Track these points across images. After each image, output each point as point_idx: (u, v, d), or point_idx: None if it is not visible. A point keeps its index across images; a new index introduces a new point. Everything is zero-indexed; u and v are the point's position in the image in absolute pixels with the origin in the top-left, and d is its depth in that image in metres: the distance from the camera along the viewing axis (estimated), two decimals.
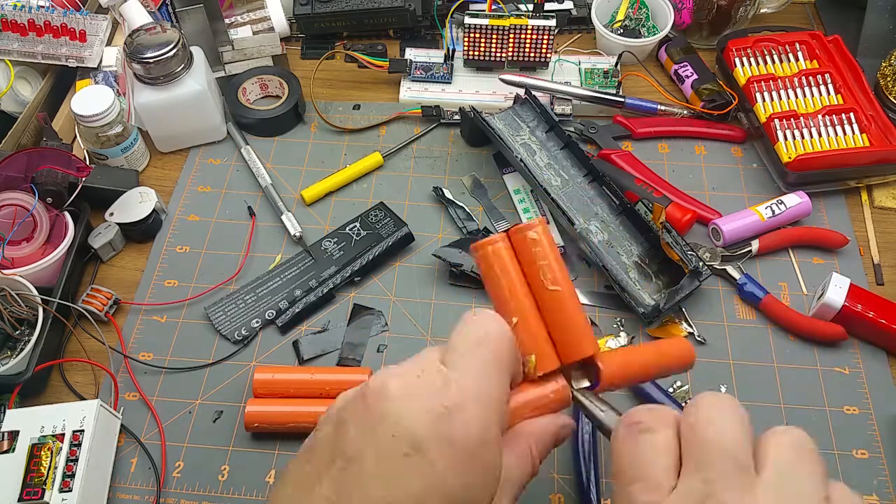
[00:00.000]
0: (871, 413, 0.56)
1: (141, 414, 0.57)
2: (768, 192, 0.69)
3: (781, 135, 0.69)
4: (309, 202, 0.69)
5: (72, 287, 0.63)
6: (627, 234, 0.63)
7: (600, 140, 0.73)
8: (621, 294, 0.60)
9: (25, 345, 0.57)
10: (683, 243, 0.60)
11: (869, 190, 0.69)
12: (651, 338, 0.60)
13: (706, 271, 0.60)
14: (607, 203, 0.65)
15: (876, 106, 0.70)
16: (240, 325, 0.61)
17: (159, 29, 0.67)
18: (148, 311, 0.63)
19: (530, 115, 0.69)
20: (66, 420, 0.51)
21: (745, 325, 0.61)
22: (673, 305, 0.59)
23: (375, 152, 0.72)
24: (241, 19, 0.79)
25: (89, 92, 0.66)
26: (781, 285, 0.63)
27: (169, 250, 0.67)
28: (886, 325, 0.57)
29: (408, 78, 0.78)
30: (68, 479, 0.49)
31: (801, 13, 0.88)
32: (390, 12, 0.80)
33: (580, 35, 0.85)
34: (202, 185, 0.72)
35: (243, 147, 0.73)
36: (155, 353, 0.60)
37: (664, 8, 0.79)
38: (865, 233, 0.67)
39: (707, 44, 0.83)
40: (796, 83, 0.72)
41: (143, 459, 0.55)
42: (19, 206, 0.61)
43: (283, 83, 0.76)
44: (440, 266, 0.64)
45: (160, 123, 0.71)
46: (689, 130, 0.74)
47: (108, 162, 0.70)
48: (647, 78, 0.78)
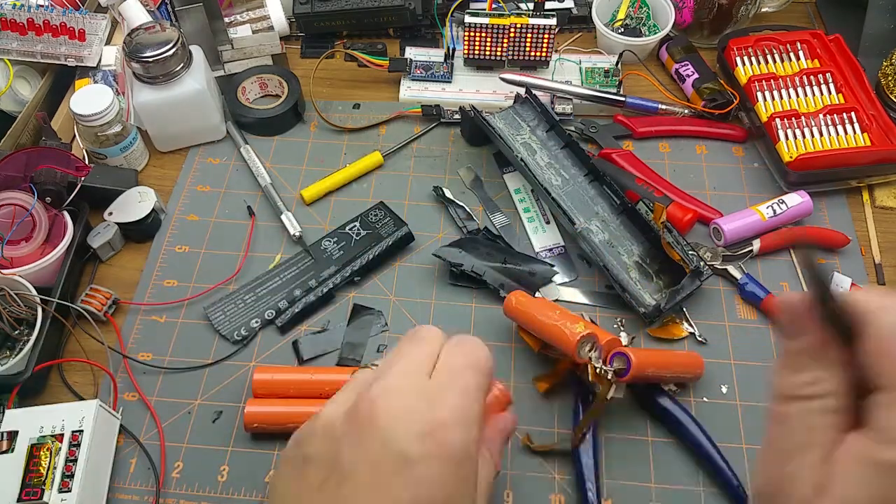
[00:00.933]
0: None
1: (140, 414, 0.57)
2: (769, 191, 0.69)
3: (782, 134, 0.68)
4: (309, 202, 0.69)
5: (71, 287, 0.62)
6: (628, 234, 0.63)
7: (601, 139, 0.72)
8: (622, 294, 0.60)
9: (24, 345, 0.57)
10: (685, 243, 0.60)
11: (870, 189, 0.69)
12: (652, 338, 0.60)
13: (707, 271, 0.59)
14: (608, 202, 0.65)
15: (877, 105, 0.69)
16: (239, 325, 0.61)
17: (158, 28, 0.67)
18: (147, 311, 0.63)
19: (531, 115, 0.69)
20: (65, 420, 0.51)
21: (746, 325, 0.61)
22: (674, 305, 0.59)
23: (375, 151, 0.72)
24: (240, 18, 0.79)
25: (88, 91, 0.66)
26: (783, 285, 0.63)
27: (168, 250, 0.66)
28: None
29: (408, 77, 0.78)
30: (67, 479, 0.48)
31: (802, 12, 0.87)
32: (390, 11, 0.80)
33: (581, 34, 0.85)
34: (201, 184, 0.71)
35: (243, 146, 0.73)
36: (154, 353, 0.60)
37: (665, 7, 0.79)
38: (867, 232, 0.67)
39: (708, 43, 0.82)
40: (797, 82, 0.72)
41: (142, 460, 0.54)
42: (18, 205, 0.61)
43: (283, 82, 0.76)
44: (440, 266, 0.64)
45: (159, 123, 0.71)
46: (690, 130, 0.74)
47: (108, 161, 0.69)
48: (648, 77, 0.78)
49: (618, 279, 0.60)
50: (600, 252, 0.61)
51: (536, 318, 0.54)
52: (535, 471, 0.53)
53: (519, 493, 0.52)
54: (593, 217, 0.64)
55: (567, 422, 0.56)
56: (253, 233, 0.67)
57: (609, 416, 0.55)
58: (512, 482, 0.53)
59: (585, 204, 0.64)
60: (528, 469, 0.53)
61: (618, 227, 0.64)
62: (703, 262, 0.60)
